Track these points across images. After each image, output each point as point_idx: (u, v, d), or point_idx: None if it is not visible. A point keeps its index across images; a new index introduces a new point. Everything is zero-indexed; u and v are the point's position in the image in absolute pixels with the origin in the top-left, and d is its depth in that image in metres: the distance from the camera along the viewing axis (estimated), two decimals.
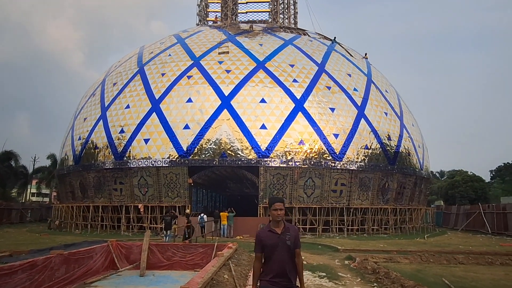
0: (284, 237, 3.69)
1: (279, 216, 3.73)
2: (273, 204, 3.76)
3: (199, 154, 22.56)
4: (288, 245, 3.67)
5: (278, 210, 3.71)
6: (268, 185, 22.49)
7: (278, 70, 25.05)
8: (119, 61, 31.44)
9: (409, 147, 27.42)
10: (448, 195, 45.47)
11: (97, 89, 28.88)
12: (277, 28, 32.63)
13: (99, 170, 24.76)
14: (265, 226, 3.90)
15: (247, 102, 23.43)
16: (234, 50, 26.37)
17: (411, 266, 11.39)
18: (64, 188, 29.13)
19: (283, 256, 3.66)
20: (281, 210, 3.72)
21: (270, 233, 3.72)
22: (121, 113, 24.95)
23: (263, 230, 3.84)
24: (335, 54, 28.95)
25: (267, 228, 3.80)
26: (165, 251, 10.77)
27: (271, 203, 3.81)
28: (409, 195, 27.01)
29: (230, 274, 7.35)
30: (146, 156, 23.08)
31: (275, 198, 3.91)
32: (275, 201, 3.77)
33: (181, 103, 23.85)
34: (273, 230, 3.73)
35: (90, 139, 25.78)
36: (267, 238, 3.70)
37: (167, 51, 27.91)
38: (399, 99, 30.55)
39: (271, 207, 3.78)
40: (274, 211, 3.73)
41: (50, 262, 7.56)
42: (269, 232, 3.73)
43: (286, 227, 3.75)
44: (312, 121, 23.39)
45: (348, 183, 23.47)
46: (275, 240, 3.67)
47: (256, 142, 22.43)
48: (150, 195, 23.31)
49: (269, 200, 3.95)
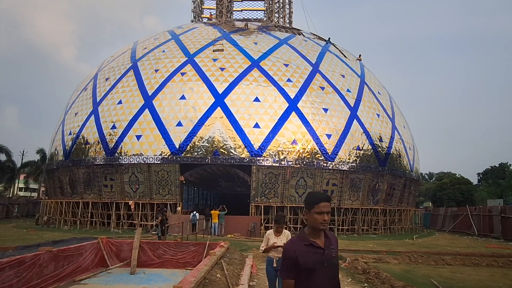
0: (330, 252, 2.62)
1: (326, 223, 2.59)
2: (317, 204, 2.59)
3: (192, 151, 22.46)
4: (335, 264, 2.65)
5: (324, 213, 2.58)
6: (260, 184, 22.52)
7: (272, 69, 25.06)
8: (112, 56, 31.07)
9: (400, 149, 27.73)
10: (436, 197, 46.19)
11: (89, 84, 28.51)
12: (272, 27, 32.60)
13: (90, 166, 24.47)
14: (295, 237, 2.71)
15: (240, 100, 23.39)
16: (229, 48, 26.29)
17: (400, 267, 11.55)
18: (53, 183, 28.72)
19: (331, 281, 2.58)
20: (328, 214, 2.61)
21: (310, 248, 2.57)
22: (113, 109, 24.68)
23: (295, 243, 2.62)
24: (329, 55, 29.08)
25: (302, 239, 2.61)
26: (156, 249, 10.70)
27: (313, 203, 2.61)
28: (398, 196, 27.33)
29: (222, 273, 7.34)
30: (137, 153, 22.89)
31: (319, 195, 2.67)
32: (320, 200, 2.60)
33: (174, 100, 23.70)
34: (314, 243, 2.59)
35: (81, 134, 25.46)
36: (306, 256, 2.53)
37: (161, 47, 27.68)
38: (391, 101, 30.85)
39: (312, 208, 2.60)
40: (319, 214, 2.58)
41: (38, 259, 7.44)
42: (308, 247, 2.57)
43: (327, 236, 2.68)
44: (305, 121, 23.47)
45: (339, 184, 23.64)
46: (319, 258, 2.55)
47: (249, 141, 22.42)
48: (141, 192, 23.14)
49: (310, 198, 2.66)
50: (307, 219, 2.67)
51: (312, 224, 2.62)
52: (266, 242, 5.75)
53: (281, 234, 5.77)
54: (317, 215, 2.57)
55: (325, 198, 2.63)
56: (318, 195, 2.66)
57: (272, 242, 5.66)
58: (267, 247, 5.69)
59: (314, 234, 2.62)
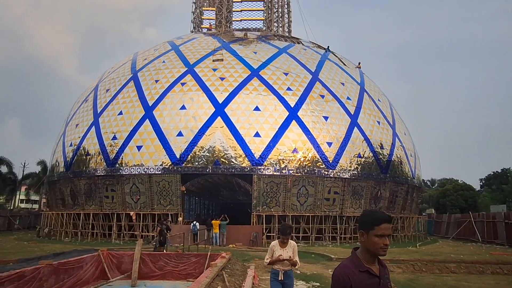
0: (385, 282, 2.35)
1: (386, 248, 2.28)
2: (377, 225, 2.25)
3: (192, 161, 22.44)
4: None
5: (386, 237, 2.26)
6: (262, 193, 22.43)
7: (272, 78, 25.17)
8: (113, 67, 31.30)
9: (401, 155, 27.66)
10: (439, 204, 45.86)
11: (90, 95, 28.66)
12: (271, 36, 32.86)
13: (91, 177, 24.45)
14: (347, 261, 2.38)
15: (241, 109, 23.45)
16: (228, 58, 26.46)
17: (404, 276, 11.41)
18: (54, 195, 28.66)
19: None
20: (389, 237, 2.31)
21: (366, 275, 2.29)
22: (114, 120, 24.76)
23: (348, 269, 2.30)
24: (329, 63, 29.23)
25: (356, 265, 2.31)
26: (157, 261, 10.62)
27: (371, 223, 2.27)
28: (401, 203, 27.17)
29: (223, 285, 7.26)
30: (138, 163, 22.87)
31: (380, 215, 2.30)
32: (381, 221, 2.26)
33: (174, 110, 23.77)
34: (371, 270, 2.31)
35: (82, 146, 25.50)
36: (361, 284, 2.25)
37: (161, 58, 27.89)
38: (392, 108, 30.89)
39: (371, 230, 2.27)
40: (379, 238, 2.25)
41: (38, 273, 7.39)
42: (363, 274, 2.29)
43: (382, 264, 2.40)
44: (305, 129, 23.48)
45: (341, 192, 23.53)
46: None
47: (249, 150, 22.41)
48: (142, 203, 23.06)
49: (368, 218, 2.32)
50: (363, 242, 2.34)
51: (369, 248, 2.29)
52: (271, 254, 5.47)
53: (287, 245, 5.49)
54: (377, 239, 2.25)
55: (386, 219, 2.27)
56: (379, 215, 2.29)
57: (278, 255, 5.38)
58: (272, 260, 5.42)
59: (369, 260, 2.32)
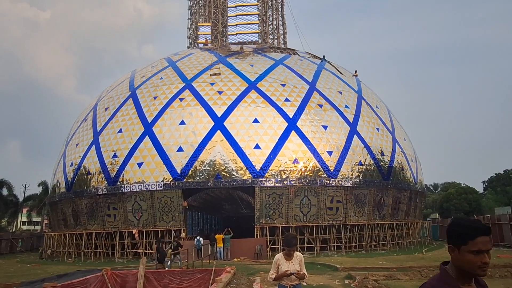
0: None
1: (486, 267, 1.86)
2: (472, 239, 1.85)
3: (194, 176, 22.41)
4: None
5: (484, 253, 1.85)
6: (264, 205, 22.33)
7: (270, 90, 25.35)
8: (111, 86, 31.55)
9: (402, 161, 27.63)
10: (443, 208, 45.61)
11: (89, 114, 28.81)
12: (267, 48, 33.23)
13: (92, 196, 24.39)
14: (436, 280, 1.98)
15: (240, 122, 23.55)
16: (226, 72, 26.70)
17: (411, 283, 11.28)
18: (56, 216, 28.53)
19: None
20: (489, 253, 1.89)
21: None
22: (114, 138, 24.83)
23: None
24: (325, 72, 29.47)
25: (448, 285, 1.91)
26: (161, 279, 10.50)
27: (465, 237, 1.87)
28: (404, 209, 27.01)
29: None
30: (139, 180, 22.84)
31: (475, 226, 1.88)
32: (477, 233, 1.86)
33: (174, 125, 23.87)
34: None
35: (83, 165, 25.51)
36: None
37: (158, 74, 28.14)
38: (390, 115, 31.00)
39: (464, 245, 1.87)
40: (476, 255, 1.85)
41: None
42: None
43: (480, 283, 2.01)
44: (305, 139, 23.53)
45: (344, 200, 23.42)
46: None
47: (250, 163, 22.41)
48: (145, 220, 22.94)
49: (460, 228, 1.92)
50: (454, 258, 1.92)
51: (463, 267, 1.87)
52: (276, 269, 4.94)
53: (293, 257, 4.96)
54: (472, 256, 1.83)
55: (484, 231, 1.85)
56: (473, 226, 1.86)
57: (284, 269, 4.84)
58: (278, 275, 4.89)
59: (463, 279, 1.90)
